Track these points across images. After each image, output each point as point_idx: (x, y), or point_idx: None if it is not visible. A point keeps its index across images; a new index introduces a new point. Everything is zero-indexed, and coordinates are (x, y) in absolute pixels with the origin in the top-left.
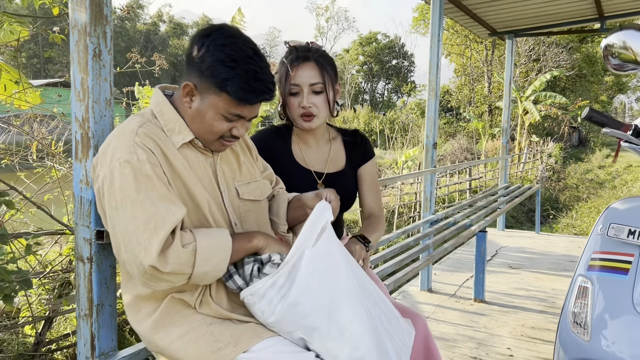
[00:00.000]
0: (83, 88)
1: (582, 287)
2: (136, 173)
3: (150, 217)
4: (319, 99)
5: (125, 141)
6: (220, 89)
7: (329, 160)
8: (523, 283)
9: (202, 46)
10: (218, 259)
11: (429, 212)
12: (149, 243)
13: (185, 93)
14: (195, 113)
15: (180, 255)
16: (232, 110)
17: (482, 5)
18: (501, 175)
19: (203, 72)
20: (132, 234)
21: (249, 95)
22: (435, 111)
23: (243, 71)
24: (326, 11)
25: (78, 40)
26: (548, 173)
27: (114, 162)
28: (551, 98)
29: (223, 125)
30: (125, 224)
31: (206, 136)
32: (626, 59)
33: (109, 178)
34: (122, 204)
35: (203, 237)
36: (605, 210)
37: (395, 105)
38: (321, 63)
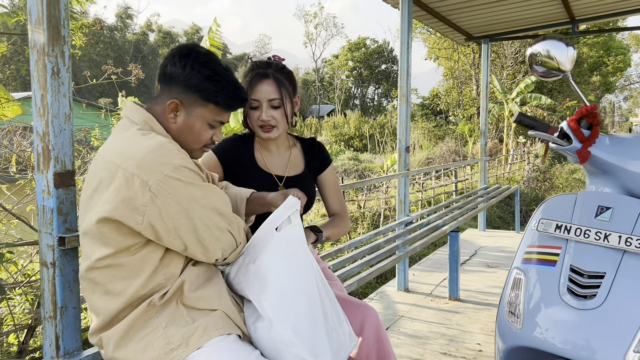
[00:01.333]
0: (43, 104)
1: (517, 279)
2: (194, 174)
3: (224, 214)
4: (277, 113)
5: (170, 151)
6: (208, 101)
7: (289, 165)
8: (499, 281)
9: (186, 65)
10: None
11: (403, 213)
12: (236, 233)
13: (170, 109)
14: (181, 127)
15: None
16: (216, 118)
17: (456, 11)
18: (481, 177)
19: (190, 88)
20: (210, 227)
21: (236, 103)
22: (407, 116)
23: (227, 83)
24: (315, 18)
25: (37, 60)
26: (535, 174)
27: (168, 168)
28: (537, 100)
29: (208, 133)
30: (198, 221)
31: (193, 145)
32: (550, 67)
33: (167, 181)
34: (192, 197)
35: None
36: (538, 207)
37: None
38: (279, 79)
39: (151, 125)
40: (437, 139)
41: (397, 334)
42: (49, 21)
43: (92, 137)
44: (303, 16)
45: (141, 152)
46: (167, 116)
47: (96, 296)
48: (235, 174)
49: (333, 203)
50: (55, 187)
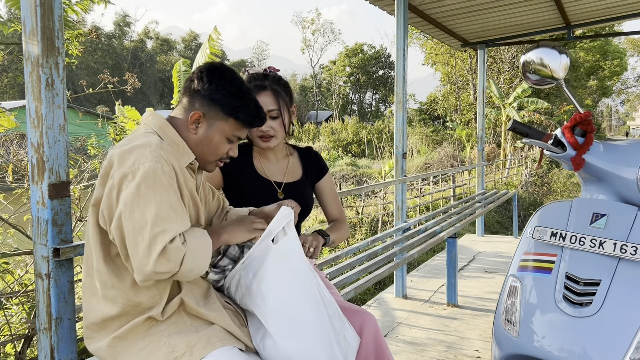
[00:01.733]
0: (37, 115)
1: (513, 287)
2: (157, 180)
3: (161, 221)
4: (276, 123)
5: (152, 151)
6: (229, 115)
7: (287, 172)
8: (497, 287)
9: (213, 80)
10: (203, 258)
11: (401, 220)
12: (154, 245)
13: (192, 120)
14: (202, 137)
15: (178, 254)
16: (235, 133)
17: (451, 17)
18: (478, 182)
19: (214, 102)
20: (139, 230)
21: (256, 121)
22: (404, 122)
23: (249, 100)
24: (312, 24)
25: (31, 72)
26: (532, 178)
27: (138, 165)
28: (534, 104)
29: (225, 147)
30: (135, 220)
31: (208, 157)
32: (544, 74)
33: (129, 176)
34: (135, 201)
35: (191, 236)
36: (533, 214)
37: (383, 115)
38: (276, 90)
39: (165, 130)
40: (435, 144)
41: (395, 340)
42: (43, 32)
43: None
44: (300, 22)
45: (129, 145)
46: (188, 127)
47: (95, 298)
48: (235, 182)
49: (332, 209)
50: (50, 198)
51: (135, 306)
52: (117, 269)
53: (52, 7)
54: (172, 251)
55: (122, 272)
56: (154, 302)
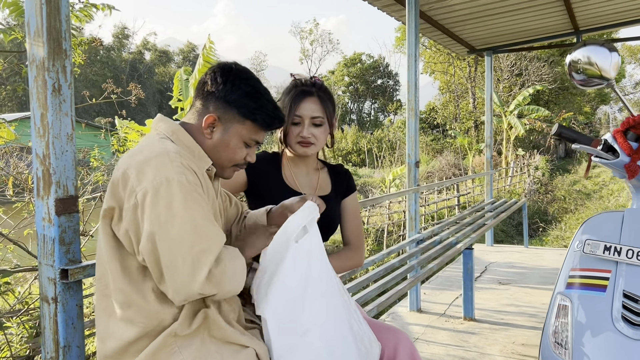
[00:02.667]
0: (43, 124)
1: (562, 306)
2: (185, 193)
3: (200, 238)
4: (318, 131)
5: (172, 161)
6: (246, 118)
7: (318, 186)
8: (513, 299)
9: (227, 81)
10: (238, 279)
11: (414, 230)
12: (199, 266)
13: (207, 124)
14: (218, 142)
15: (222, 278)
16: (253, 137)
17: (459, 24)
18: (487, 191)
19: (230, 104)
20: (177, 250)
21: (274, 122)
22: (416, 130)
23: (267, 101)
24: (310, 34)
25: (37, 76)
26: (536, 186)
27: (160, 179)
28: (535, 111)
29: (243, 152)
30: (170, 241)
31: (225, 163)
32: (591, 74)
33: (152, 193)
34: (169, 219)
35: (227, 256)
36: (581, 226)
37: (382, 124)
38: (323, 99)
39: (178, 135)
40: (435, 153)
41: None
42: (49, 33)
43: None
44: (298, 33)
45: (144, 155)
46: (203, 131)
47: (112, 321)
48: (261, 190)
49: (349, 231)
50: (57, 214)
51: (157, 325)
52: (137, 284)
53: (58, 6)
54: (218, 275)
55: (143, 287)
56: (174, 316)
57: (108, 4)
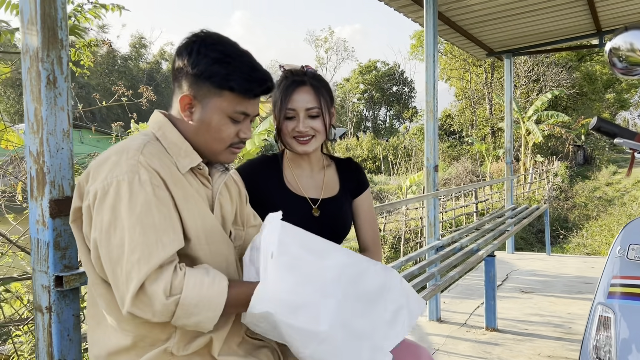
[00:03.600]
0: (37, 119)
1: (603, 317)
2: (133, 195)
3: (136, 247)
4: (316, 123)
5: (129, 159)
6: (222, 88)
7: (324, 187)
8: (537, 308)
9: (192, 52)
10: (203, 317)
11: (433, 237)
12: (129, 278)
13: (183, 107)
14: (198, 124)
15: (158, 305)
16: (237, 108)
17: (478, 25)
18: (507, 197)
19: (199, 77)
20: (116, 261)
21: (253, 86)
22: (435, 133)
23: (240, 63)
24: (325, 42)
25: (30, 67)
26: (555, 192)
27: (111, 179)
28: (553, 117)
29: (230, 128)
30: (110, 250)
31: (215, 146)
32: (634, 61)
33: (100, 194)
34: (111, 225)
35: (192, 287)
36: (622, 230)
37: (397, 131)
38: (317, 87)
39: (164, 131)
40: (452, 160)
41: None
42: (43, 21)
43: None
44: (314, 41)
45: (107, 152)
46: (182, 116)
47: (100, 328)
48: (262, 198)
49: (365, 234)
50: (52, 216)
51: (145, 336)
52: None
53: None
54: (153, 294)
55: None
56: (167, 334)
57: (118, 4)
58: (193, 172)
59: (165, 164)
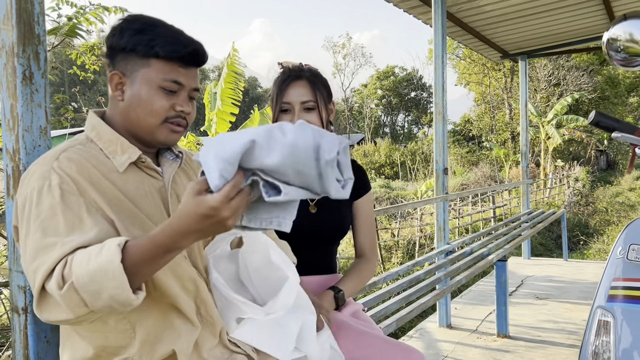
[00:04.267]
0: (13, 115)
1: (603, 322)
2: (40, 201)
3: (37, 253)
4: (311, 116)
5: (43, 166)
6: (148, 57)
7: None
8: (551, 315)
9: (116, 29)
10: (109, 289)
11: (443, 241)
12: (33, 286)
13: (114, 86)
14: (130, 100)
15: (60, 299)
16: (167, 76)
17: (490, 26)
18: (523, 201)
19: (124, 49)
20: (27, 271)
21: (178, 47)
22: (444, 135)
23: (164, 29)
24: (343, 48)
25: (6, 63)
26: (576, 198)
27: (27, 190)
28: (574, 121)
29: (163, 100)
30: (26, 262)
31: (148, 120)
32: (634, 52)
33: (20, 206)
34: (26, 237)
35: (79, 265)
36: (623, 230)
37: (416, 137)
38: (313, 82)
39: (98, 130)
40: (471, 165)
41: None
42: (18, 16)
43: None
44: (331, 47)
45: (32, 164)
46: (115, 97)
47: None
48: None
49: (363, 237)
50: None
51: (104, 347)
52: None
53: None
54: (51, 294)
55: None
56: (125, 341)
57: (121, 7)
58: (137, 167)
59: (94, 166)
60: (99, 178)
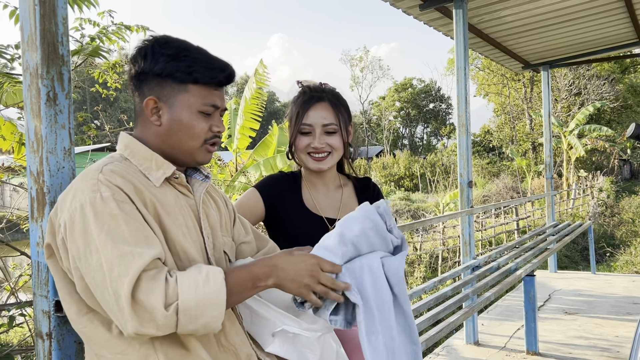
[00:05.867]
0: (37, 137)
1: None
2: (97, 213)
3: (113, 263)
4: (333, 140)
5: (87, 181)
6: (186, 82)
7: (341, 206)
8: (581, 330)
9: (146, 55)
10: (208, 318)
11: (469, 256)
12: (118, 296)
13: (150, 111)
14: (169, 125)
15: (161, 318)
16: (206, 101)
17: (512, 37)
18: (548, 213)
19: (160, 75)
20: (101, 284)
21: (216, 73)
22: (468, 148)
23: (198, 54)
24: (360, 61)
25: (30, 84)
26: (600, 208)
27: (75, 205)
28: (596, 131)
29: (202, 123)
30: (93, 275)
31: (190, 144)
32: None
33: (69, 223)
34: (86, 251)
35: (187, 290)
36: None
37: (435, 148)
38: (335, 104)
39: (132, 148)
40: (492, 176)
41: None
42: (42, 37)
43: None
44: (349, 60)
45: (71, 183)
46: (151, 122)
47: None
48: (280, 216)
49: None
50: None
51: None
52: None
53: (54, 7)
54: (153, 309)
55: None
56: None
57: (142, 26)
58: (170, 184)
59: (135, 179)
60: (141, 190)
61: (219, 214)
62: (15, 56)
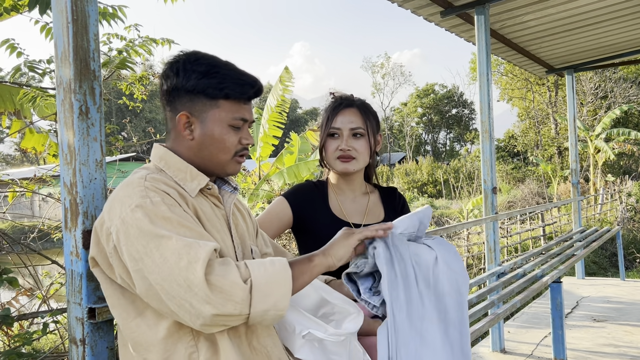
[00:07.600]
0: (70, 149)
1: None
2: (151, 216)
3: (180, 253)
4: (359, 144)
5: (134, 189)
6: (217, 98)
7: (367, 212)
8: (611, 338)
9: (178, 71)
10: (278, 295)
11: (494, 263)
12: (190, 283)
13: (182, 125)
14: (201, 139)
15: (239, 292)
16: (236, 115)
17: (535, 42)
18: (575, 219)
19: (192, 92)
20: (168, 276)
21: (246, 89)
22: (492, 153)
23: (228, 71)
24: (382, 68)
25: (64, 99)
26: (629, 213)
27: (125, 210)
28: (624, 135)
29: (233, 137)
30: (158, 270)
31: (221, 157)
32: None
33: (122, 230)
34: (146, 251)
35: (257, 268)
36: None
37: (458, 154)
38: (364, 111)
39: (167, 160)
40: (517, 182)
41: None
42: (75, 53)
43: None
44: (370, 67)
45: (115, 191)
46: (183, 136)
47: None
48: (307, 223)
49: None
50: (85, 247)
51: None
52: (146, 320)
53: (86, 24)
54: (232, 285)
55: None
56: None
57: (168, 39)
58: (203, 195)
59: (175, 188)
60: (184, 196)
61: (246, 225)
62: (46, 70)
